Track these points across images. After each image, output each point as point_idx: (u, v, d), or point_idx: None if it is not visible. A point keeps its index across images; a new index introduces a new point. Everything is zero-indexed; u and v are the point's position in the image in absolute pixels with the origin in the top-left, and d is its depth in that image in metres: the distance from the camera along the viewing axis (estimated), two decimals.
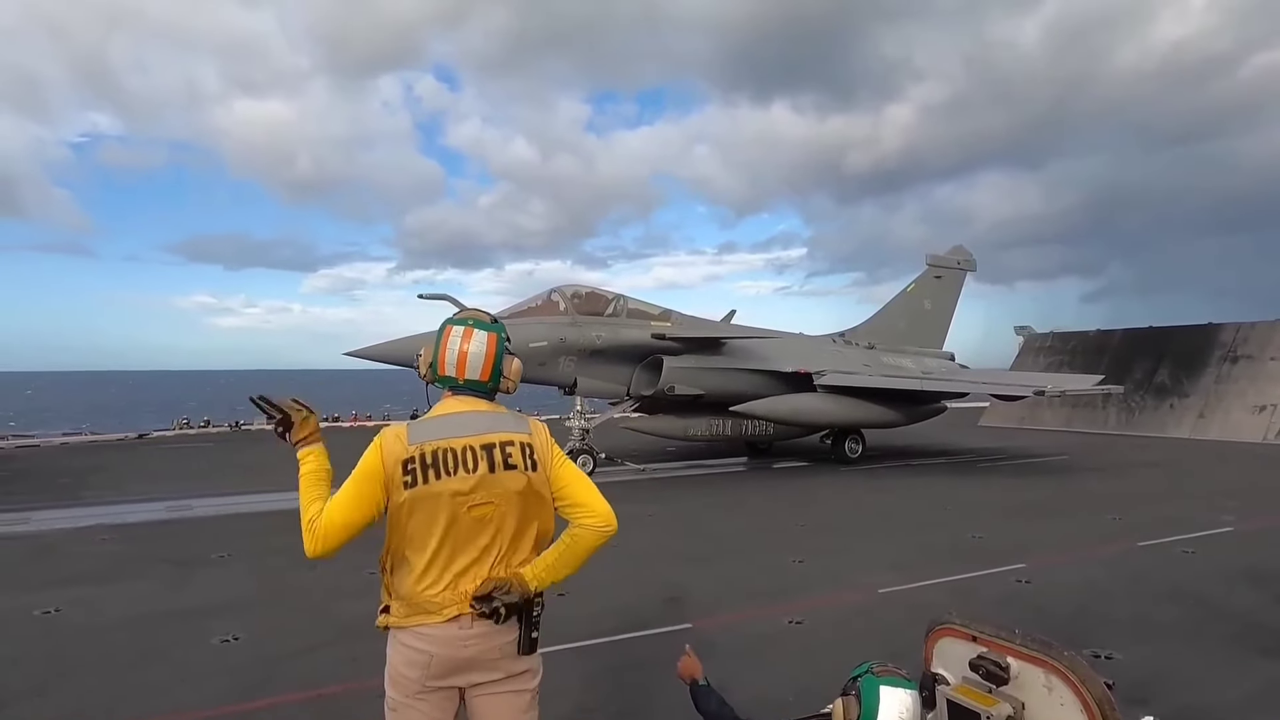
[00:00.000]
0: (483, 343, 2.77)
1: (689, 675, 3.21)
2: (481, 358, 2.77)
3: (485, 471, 2.67)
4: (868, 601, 7.25)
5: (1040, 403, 26.93)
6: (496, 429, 2.74)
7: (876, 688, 2.61)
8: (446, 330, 2.80)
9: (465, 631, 2.64)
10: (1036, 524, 11.03)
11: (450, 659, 2.64)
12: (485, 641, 2.66)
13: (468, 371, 2.76)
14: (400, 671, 2.66)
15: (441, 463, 2.63)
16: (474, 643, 2.65)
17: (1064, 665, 2.80)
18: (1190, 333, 27.29)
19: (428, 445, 2.64)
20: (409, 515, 2.63)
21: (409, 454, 2.63)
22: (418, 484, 2.61)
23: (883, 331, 22.15)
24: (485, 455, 2.68)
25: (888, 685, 2.62)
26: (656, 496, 13.69)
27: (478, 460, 2.67)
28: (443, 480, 2.62)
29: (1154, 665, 5.63)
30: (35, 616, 6.93)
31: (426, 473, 2.62)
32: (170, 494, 13.51)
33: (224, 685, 5.39)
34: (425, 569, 2.65)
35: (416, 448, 2.63)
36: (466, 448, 2.67)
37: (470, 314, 2.87)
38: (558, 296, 16.44)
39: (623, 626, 6.42)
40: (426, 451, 2.64)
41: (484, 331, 2.79)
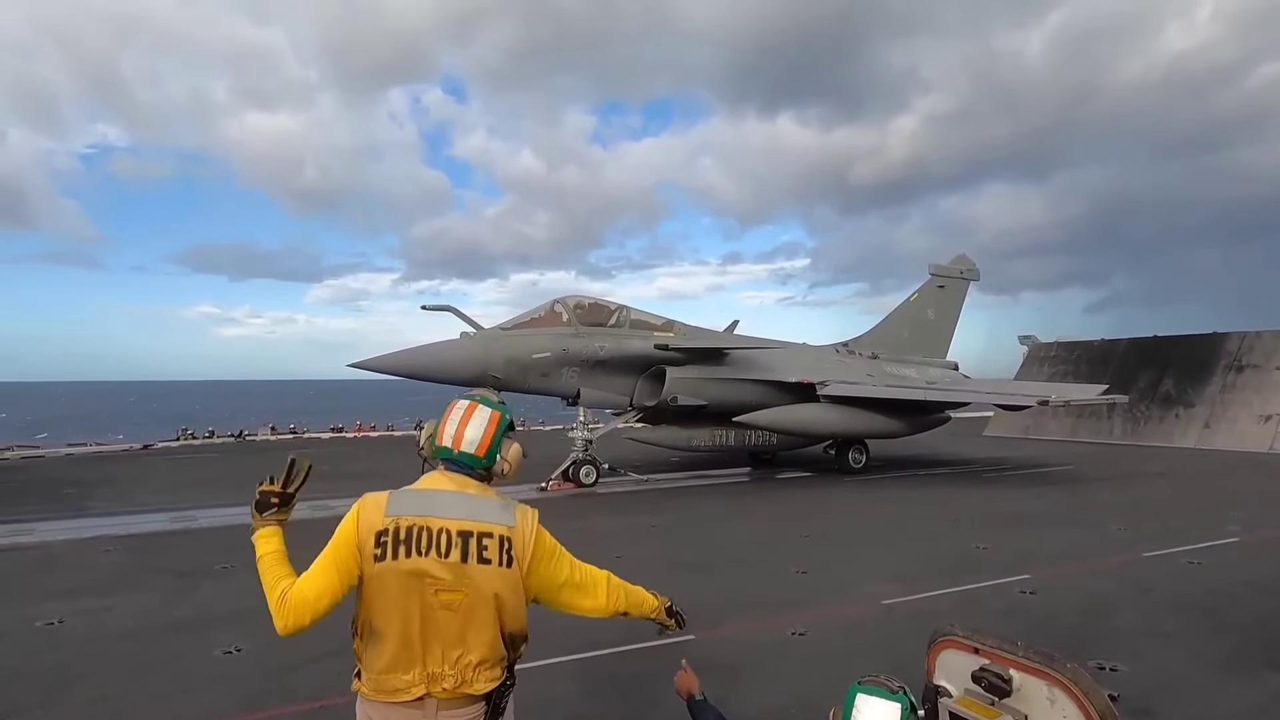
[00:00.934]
0: (484, 419, 2.72)
1: (686, 691, 3.18)
2: (480, 434, 2.70)
3: (458, 560, 2.54)
4: (871, 613, 7.22)
5: (1045, 412, 26.89)
6: (479, 516, 2.60)
7: (854, 695, 2.60)
8: (451, 404, 2.77)
9: (429, 717, 2.54)
10: (1041, 534, 10.99)
11: None
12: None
13: (463, 445, 2.69)
14: None
15: (415, 541, 2.52)
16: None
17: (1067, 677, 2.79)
18: (1195, 342, 27.22)
19: (404, 520, 2.54)
20: (378, 590, 2.53)
21: (384, 525, 2.53)
22: (386, 558, 2.50)
23: (886, 341, 22.15)
24: (460, 543, 2.55)
25: (865, 693, 2.59)
26: (660, 507, 13.67)
27: (451, 546, 2.54)
28: (413, 559, 2.51)
29: (1159, 677, 5.60)
30: (38, 628, 6.94)
31: (398, 549, 2.51)
32: (174, 505, 13.54)
33: (226, 696, 5.38)
34: (396, 651, 2.54)
35: (393, 520, 2.53)
36: (443, 530, 2.55)
37: (479, 392, 2.83)
38: (561, 307, 16.47)
39: (624, 638, 6.38)
40: (402, 526, 2.53)
41: (488, 409, 2.74)
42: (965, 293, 24.18)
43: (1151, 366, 27.41)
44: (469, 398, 2.78)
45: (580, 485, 15.62)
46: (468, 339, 15.47)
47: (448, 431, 2.70)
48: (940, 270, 23.55)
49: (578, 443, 16.21)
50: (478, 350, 15.24)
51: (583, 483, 15.68)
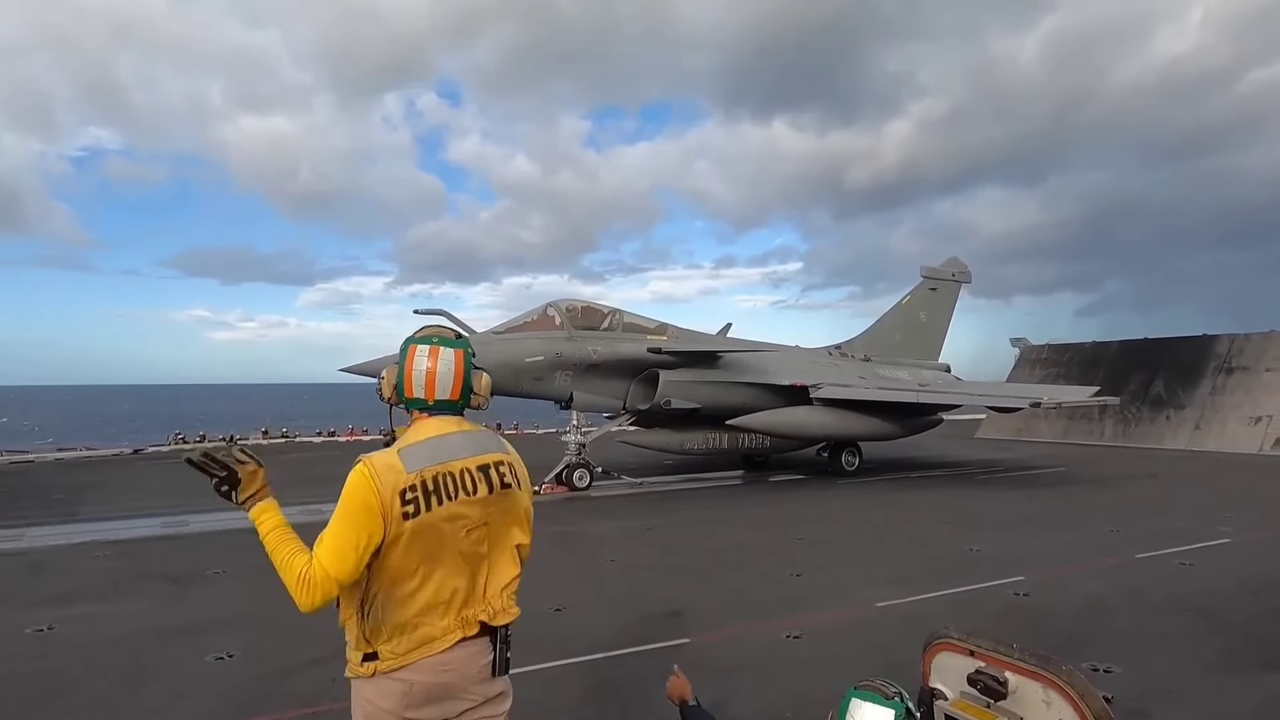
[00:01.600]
0: (450, 360, 2.67)
1: (679, 696, 3.15)
2: (451, 376, 2.66)
3: (485, 494, 2.62)
4: (866, 615, 7.23)
5: (1037, 414, 27.00)
6: (486, 449, 2.69)
7: (850, 699, 2.60)
8: (411, 349, 2.68)
9: (446, 656, 2.54)
10: (1035, 536, 11.02)
11: (430, 685, 2.52)
12: (465, 665, 2.58)
13: (438, 391, 2.65)
14: (375, 704, 2.52)
15: (444, 488, 2.53)
16: (454, 666, 2.55)
17: (1062, 679, 2.79)
18: (1186, 344, 27.38)
19: (427, 471, 2.53)
20: (406, 548, 2.49)
21: (408, 482, 2.49)
22: (420, 513, 2.48)
23: (879, 343, 22.21)
24: (483, 477, 2.63)
25: (859, 698, 2.59)
26: (654, 510, 13.66)
27: (477, 483, 2.61)
28: (445, 505, 2.53)
29: (1154, 678, 5.61)
30: (28, 634, 6.88)
31: (429, 500, 2.50)
32: (166, 510, 13.45)
33: (218, 703, 5.35)
34: (429, 601, 2.53)
35: (416, 475, 2.50)
36: (464, 470, 2.60)
37: (434, 331, 2.75)
38: (553, 311, 16.45)
39: (621, 641, 6.39)
40: (427, 478, 2.52)
41: (450, 349, 2.69)
42: (957, 295, 24.27)
43: (1142, 369, 27.56)
44: (426, 340, 2.69)
45: (574, 489, 15.60)
46: None
47: (417, 381, 2.65)
48: (932, 273, 23.64)
49: (571, 447, 16.19)
50: None
51: (576, 486, 15.66)
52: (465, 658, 2.58)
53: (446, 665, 2.54)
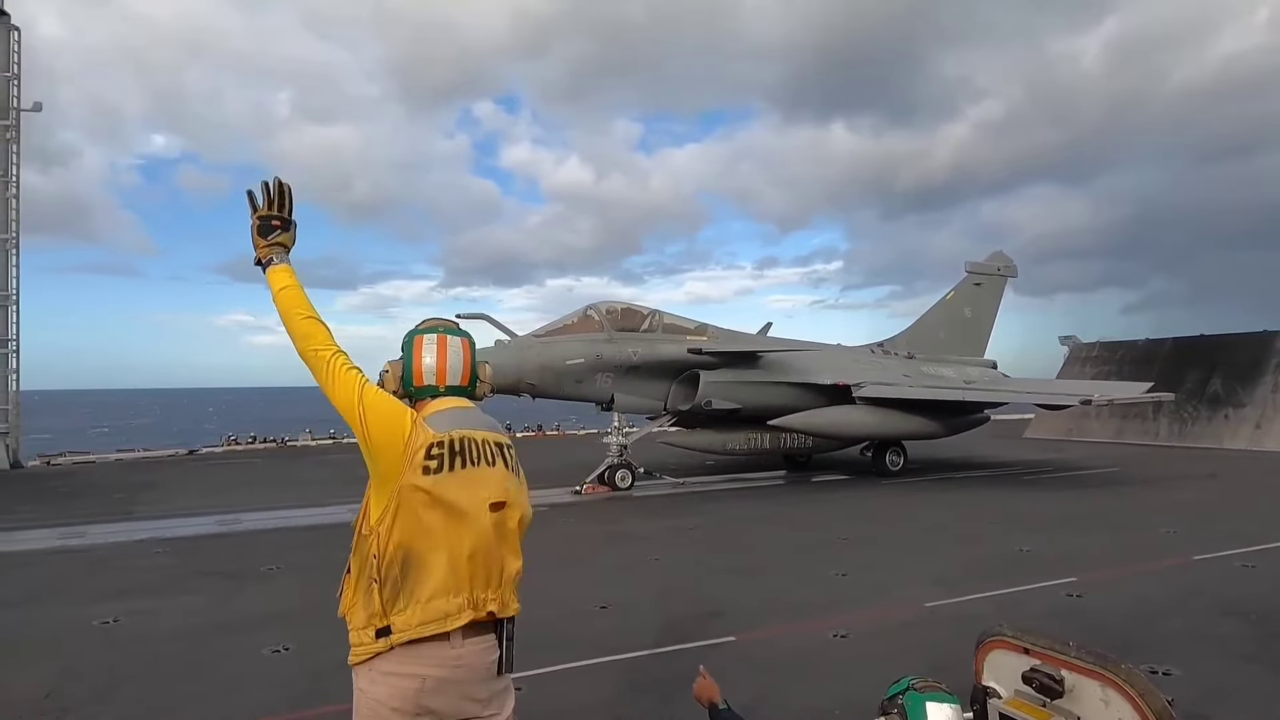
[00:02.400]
0: (459, 348, 2.77)
1: (707, 698, 3.10)
2: (460, 363, 2.76)
3: (502, 468, 2.66)
4: (914, 616, 7.14)
5: (1088, 414, 26.34)
6: (495, 429, 2.74)
7: (923, 704, 2.55)
8: (417, 340, 2.76)
9: (457, 650, 2.54)
10: (1087, 537, 10.77)
11: (442, 680, 2.52)
12: (476, 661, 2.57)
13: (448, 378, 2.73)
14: (386, 706, 2.48)
15: (468, 451, 2.57)
16: (465, 660, 2.55)
17: (1122, 678, 2.73)
18: (1244, 341, 26.48)
19: (455, 432, 2.58)
20: (427, 507, 2.50)
21: (435, 438, 2.54)
22: (444, 470, 2.51)
23: (922, 340, 21.88)
24: (499, 452, 2.68)
25: (934, 701, 2.56)
26: (696, 510, 13.64)
27: (494, 456, 2.65)
28: (469, 469, 2.55)
29: (1215, 682, 5.46)
30: (94, 626, 7.14)
31: (454, 459, 2.54)
32: (220, 508, 13.83)
33: (274, 695, 5.49)
34: (444, 575, 2.51)
35: (444, 434, 2.56)
36: (485, 440, 2.64)
37: (437, 322, 2.84)
38: (593, 313, 16.52)
39: (665, 640, 6.40)
40: (455, 438, 2.56)
41: (457, 338, 2.79)
42: (1003, 290, 23.81)
43: (1198, 366, 26.72)
44: (432, 330, 2.79)
45: (615, 489, 15.65)
46: (501, 347, 15.58)
47: (427, 368, 2.72)
48: (977, 268, 23.22)
49: (613, 448, 16.23)
50: (510, 358, 15.34)
51: (618, 486, 15.71)
52: (475, 653, 2.57)
53: (459, 660, 2.54)
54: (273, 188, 2.75)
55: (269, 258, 2.72)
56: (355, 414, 2.53)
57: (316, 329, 2.64)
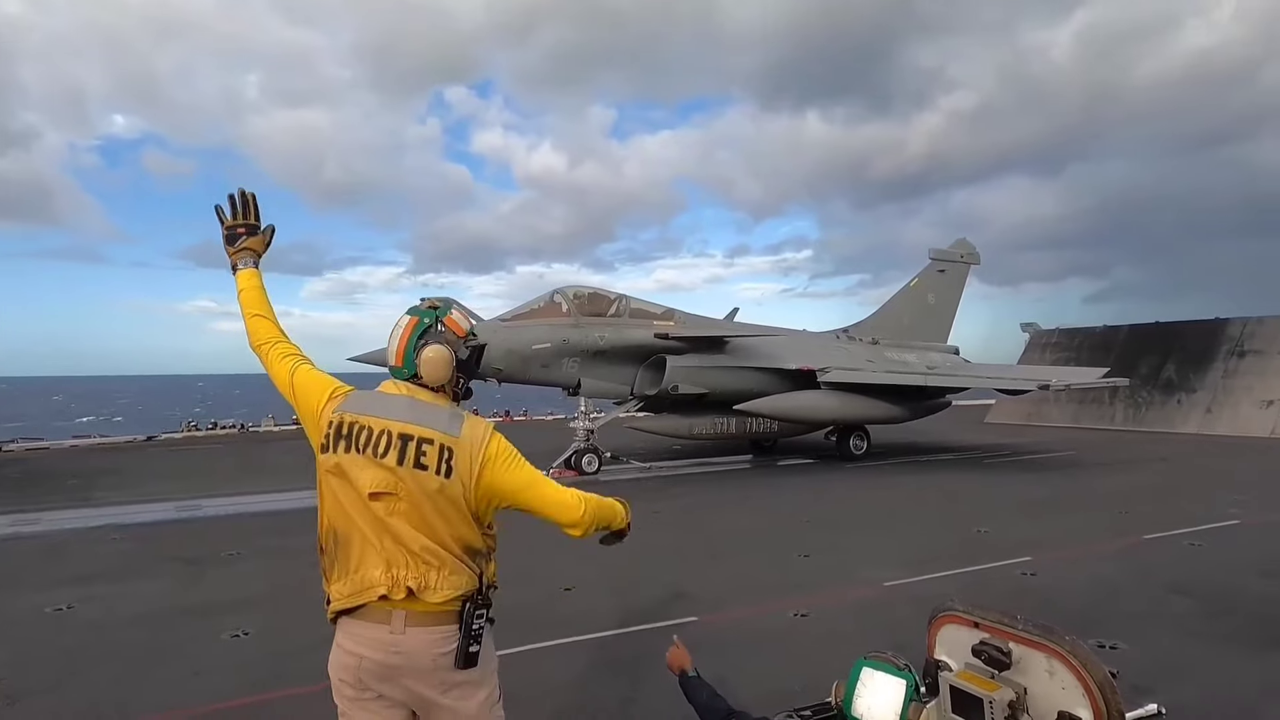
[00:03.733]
0: (400, 329, 2.72)
1: (678, 666, 3.18)
2: (396, 345, 2.71)
3: (394, 462, 2.52)
4: (874, 595, 7.27)
5: (1047, 399, 26.91)
6: (421, 421, 2.58)
7: (860, 667, 2.64)
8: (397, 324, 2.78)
9: (396, 636, 2.52)
10: (1043, 519, 11.04)
11: (380, 664, 2.53)
12: (417, 650, 2.53)
13: (390, 357, 2.74)
14: (335, 676, 2.61)
15: (354, 436, 2.56)
16: (405, 647, 2.52)
17: (1065, 649, 2.82)
18: (1197, 328, 27.18)
19: (348, 416, 2.59)
20: (324, 484, 2.62)
21: (333, 418, 2.61)
22: (328, 450, 2.58)
23: (887, 326, 22.15)
24: (400, 445, 2.54)
25: (870, 667, 2.63)
26: (662, 494, 13.72)
27: (389, 448, 2.53)
28: (349, 454, 2.55)
29: (1161, 656, 5.64)
30: (48, 614, 7.00)
31: (338, 443, 2.57)
32: (180, 494, 13.62)
33: (235, 679, 5.44)
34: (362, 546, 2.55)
35: (339, 415, 2.60)
36: (384, 431, 2.55)
37: (433, 301, 2.82)
38: (560, 298, 16.47)
39: (630, 620, 6.46)
40: (345, 421, 2.59)
41: (408, 317, 2.74)
42: (966, 277, 24.17)
43: (1154, 353, 27.39)
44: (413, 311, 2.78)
45: (582, 474, 15.67)
46: None
47: (388, 349, 2.76)
48: (941, 255, 23.53)
49: (579, 433, 16.24)
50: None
51: (585, 471, 15.73)
52: (420, 643, 2.53)
53: (397, 646, 2.52)
54: (238, 199, 2.98)
55: (235, 263, 2.99)
56: (289, 391, 2.77)
57: (261, 325, 2.88)
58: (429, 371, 2.66)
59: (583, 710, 4.89)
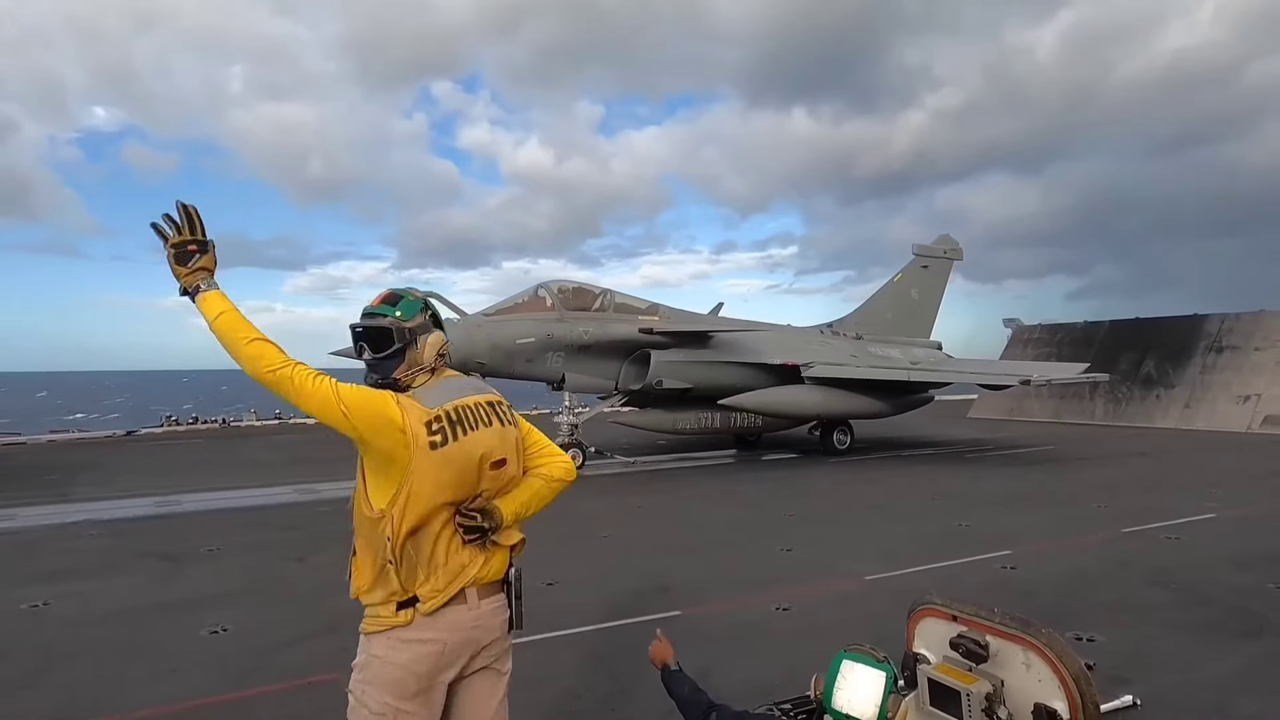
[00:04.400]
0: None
1: (660, 660, 3.19)
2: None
3: (499, 426, 2.73)
4: (855, 588, 7.31)
5: (1028, 394, 27.15)
6: (482, 391, 2.82)
7: (840, 660, 2.65)
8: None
9: (475, 611, 2.65)
10: (1023, 513, 11.14)
11: (462, 644, 2.64)
12: (491, 619, 2.70)
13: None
14: (408, 671, 2.56)
15: (467, 419, 2.64)
16: (483, 621, 2.67)
17: (1041, 642, 2.85)
18: (1176, 324, 27.51)
19: (448, 404, 2.63)
20: (435, 482, 2.55)
21: (432, 414, 2.58)
22: (449, 441, 2.56)
23: (870, 322, 22.24)
24: (493, 411, 2.74)
25: (851, 659, 2.65)
26: (646, 488, 13.74)
27: (490, 417, 2.72)
28: (469, 435, 2.62)
29: (1136, 647, 5.71)
30: (23, 610, 6.92)
31: (455, 429, 2.59)
32: (159, 490, 13.48)
33: (214, 675, 5.40)
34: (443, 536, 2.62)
35: (438, 409, 2.60)
36: (478, 404, 2.71)
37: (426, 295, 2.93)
38: (544, 292, 16.41)
39: (613, 615, 6.46)
40: (449, 409, 2.62)
41: None
42: (949, 272, 24.30)
43: (1133, 348, 27.69)
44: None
45: None
46: (450, 325, 15.39)
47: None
48: (924, 251, 23.64)
49: (563, 427, 16.20)
50: (460, 337, 15.18)
51: None
52: (490, 613, 2.70)
53: (477, 622, 2.66)
54: (179, 214, 2.57)
55: (195, 285, 2.55)
56: (338, 416, 2.49)
57: (265, 349, 2.51)
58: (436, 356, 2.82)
59: (564, 707, 4.88)
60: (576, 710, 4.84)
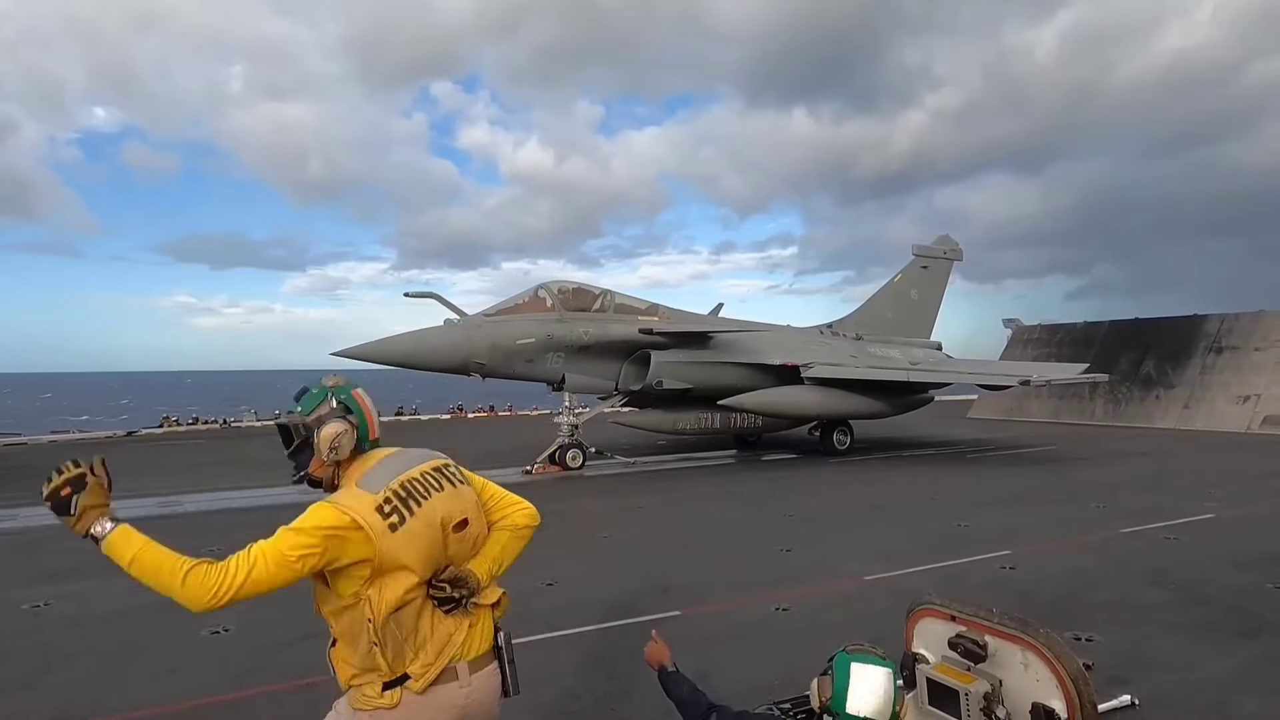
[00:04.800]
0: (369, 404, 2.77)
1: (657, 661, 3.17)
2: (374, 416, 2.76)
3: (452, 488, 2.68)
4: (855, 588, 7.32)
5: (1028, 394, 27.16)
6: (428, 457, 2.75)
7: (848, 664, 2.64)
8: (356, 394, 2.73)
9: (466, 688, 2.60)
10: (1022, 513, 11.14)
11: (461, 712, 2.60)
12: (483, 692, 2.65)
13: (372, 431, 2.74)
14: None
15: (417, 491, 2.58)
16: (475, 695, 2.62)
17: (1040, 642, 2.86)
18: (1176, 324, 27.53)
19: (393, 483, 2.57)
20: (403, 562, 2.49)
21: (381, 498, 2.51)
22: (406, 519, 2.50)
23: (870, 322, 22.26)
24: (441, 475, 2.69)
25: (859, 662, 2.65)
26: (646, 489, 13.75)
27: (439, 481, 2.66)
28: (424, 505, 2.56)
29: (1135, 647, 5.71)
30: (24, 610, 6.94)
31: (408, 504, 2.54)
32: (160, 490, 13.49)
33: (214, 675, 5.41)
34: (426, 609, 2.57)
35: (385, 490, 2.54)
36: (424, 474, 2.65)
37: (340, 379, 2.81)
38: (545, 293, 16.43)
39: (612, 615, 6.46)
40: (396, 487, 2.56)
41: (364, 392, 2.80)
42: (949, 273, 24.32)
43: (1133, 348, 27.71)
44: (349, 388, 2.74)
45: (566, 469, 15.67)
46: (451, 326, 15.41)
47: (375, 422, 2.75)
48: (924, 251, 23.66)
49: (564, 428, 16.24)
50: (461, 337, 15.21)
51: (569, 466, 15.72)
52: (483, 687, 2.65)
53: (469, 697, 2.61)
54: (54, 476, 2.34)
55: (87, 530, 2.32)
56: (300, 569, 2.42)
57: (200, 577, 2.34)
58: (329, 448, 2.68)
59: (563, 707, 4.89)
60: (576, 710, 4.85)
